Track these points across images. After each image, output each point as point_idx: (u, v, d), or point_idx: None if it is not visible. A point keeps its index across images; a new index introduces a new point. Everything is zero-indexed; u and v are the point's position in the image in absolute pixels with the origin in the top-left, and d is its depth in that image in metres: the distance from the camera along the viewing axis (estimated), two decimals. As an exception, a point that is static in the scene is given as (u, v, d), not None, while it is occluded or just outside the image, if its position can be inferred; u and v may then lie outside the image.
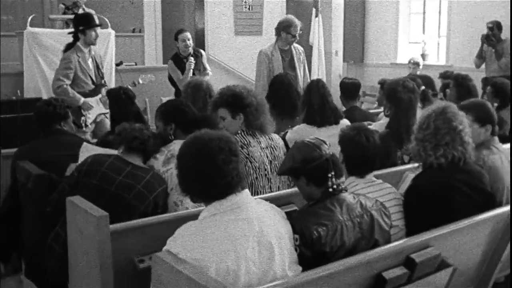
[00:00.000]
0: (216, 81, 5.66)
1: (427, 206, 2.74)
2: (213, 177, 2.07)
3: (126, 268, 2.49)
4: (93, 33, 5.46)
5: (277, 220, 2.19)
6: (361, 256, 2.21)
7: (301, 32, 6.05)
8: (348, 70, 10.78)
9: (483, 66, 8.01)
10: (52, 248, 2.99)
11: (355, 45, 10.63)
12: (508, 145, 3.78)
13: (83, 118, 5.40)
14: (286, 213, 2.37)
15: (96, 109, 5.54)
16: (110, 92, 4.49)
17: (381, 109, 5.10)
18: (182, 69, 6.11)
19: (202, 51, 6.59)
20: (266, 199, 2.51)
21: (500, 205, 2.97)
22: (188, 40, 6.15)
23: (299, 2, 10.79)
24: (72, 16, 6.39)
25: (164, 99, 6.94)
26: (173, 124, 3.40)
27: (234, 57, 10.42)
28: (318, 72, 8.52)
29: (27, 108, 5.64)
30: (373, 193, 2.68)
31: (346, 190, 2.42)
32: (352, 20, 10.51)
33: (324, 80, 8.47)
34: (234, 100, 3.36)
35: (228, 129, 3.30)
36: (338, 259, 2.18)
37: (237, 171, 2.11)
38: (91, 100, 5.49)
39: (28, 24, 6.75)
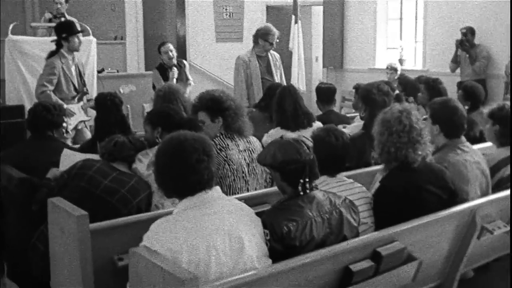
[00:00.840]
0: (197, 88, 5.74)
1: (396, 207, 2.82)
2: (185, 173, 2.21)
3: (106, 266, 2.57)
4: (76, 39, 5.54)
5: (247, 216, 2.30)
6: (328, 249, 2.31)
7: (278, 40, 6.22)
8: (328, 75, 10.90)
9: (458, 70, 8.22)
10: (36, 246, 3.06)
11: (335, 51, 10.75)
12: (478, 146, 3.94)
13: (64, 124, 5.44)
14: (261, 212, 2.48)
15: (78, 116, 5.60)
16: (97, 97, 4.49)
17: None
18: (166, 79, 6.25)
19: (185, 61, 6.80)
20: (242, 199, 2.61)
21: (463, 201, 3.08)
22: (171, 51, 6.34)
23: (279, 9, 10.92)
24: (54, 24, 6.44)
25: (146, 105, 7.04)
26: (159, 128, 3.50)
27: (215, 64, 10.51)
28: (298, 77, 8.65)
29: (9, 115, 5.67)
30: (344, 192, 2.79)
31: (317, 188, 2.52)
32: (331, 26, 10.62)
33: (304, 85, 8.70)
34: (213, 104, 3.46)
35: (208, 132, 3.40)
36: (307, 252, 2.28)
37: (209, 170, 2.24)
38: (74, 107, 5.56)
39: (9, 31, 6.77)
